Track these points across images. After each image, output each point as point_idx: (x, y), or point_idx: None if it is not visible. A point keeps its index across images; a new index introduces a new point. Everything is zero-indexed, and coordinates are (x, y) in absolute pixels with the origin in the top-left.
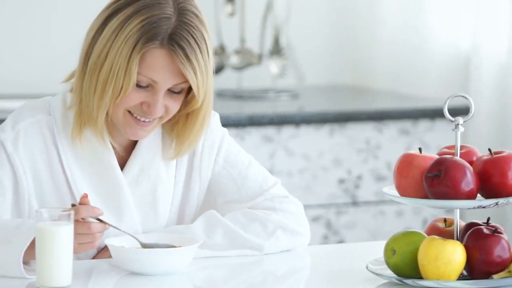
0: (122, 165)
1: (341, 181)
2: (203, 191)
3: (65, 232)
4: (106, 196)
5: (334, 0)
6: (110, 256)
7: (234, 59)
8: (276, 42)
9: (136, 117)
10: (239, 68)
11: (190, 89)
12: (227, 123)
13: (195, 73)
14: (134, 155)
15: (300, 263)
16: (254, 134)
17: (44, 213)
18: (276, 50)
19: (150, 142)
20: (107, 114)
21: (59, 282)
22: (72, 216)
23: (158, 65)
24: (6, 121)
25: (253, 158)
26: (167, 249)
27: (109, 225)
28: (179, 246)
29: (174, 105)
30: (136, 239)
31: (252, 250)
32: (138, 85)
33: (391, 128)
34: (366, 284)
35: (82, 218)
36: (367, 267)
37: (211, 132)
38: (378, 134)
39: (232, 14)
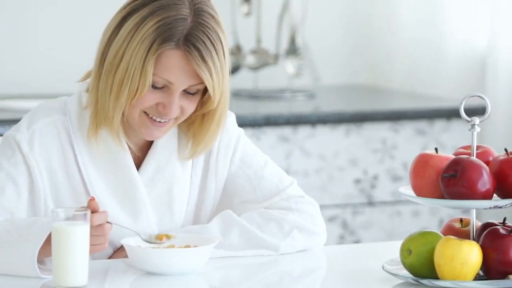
0: (138, 165)
1: (357, 181)
2: (219, 191)
3: (81, 232)
4: (122, 196)
5: (350, 0)
6: (126, 256)
7: (250, 59)
8: (292, 42)
9: (151, 118)
10: (255, 68)
11: (206, 89)
12: (243, 123)
13: (210, 75)
14: (149, 155)
15: (316, 263)
16: (270, 134)
17: (60, 213)
18: (292, 50)
19: (166, 142)
20: (122, 114)
21: (75, 282)
22: (88, 216)
23: (173, 66)
24: (22, 121)
25: (269, 158)
26: (183, 249)
27: (117, 225)
28: (195, 246)
29: (190, 106)
30: (139, 235)
31: (268, 250)
32: (154, 86)
33: (407, 128)
34: (382, 284)
35: None
36: (383, 267)
37: (227, 132)
38: (394, 134)
39: (248, 14)
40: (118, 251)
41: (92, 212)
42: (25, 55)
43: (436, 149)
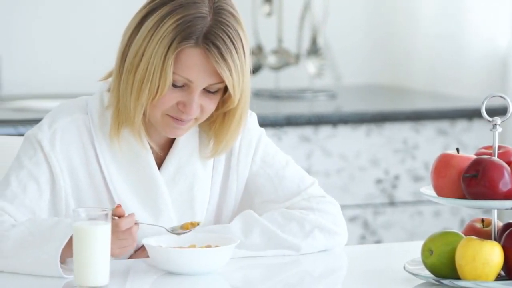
0: (160, 164)
1: (379, 181)
2: (240, 190)
3: (102, 232)
4: (144, 195)
5: (372, 1)
6: (147, 256)
7: (271, 59)
8: (314, 42)
9: (173, 117)
10: (277, 68)
11: (226, 88)
12: (264, 123)
13: (230, 73)
14: (171, 154)
15: (337, 263)
16: (291, 134)
17: (82, 213)
18: (314, 50)
19: (187, 141)
20: (144, 114)
21: (96, 282)
22: (110, 216)
23: (193, 65)
24: (43, 120)
25: (291, 158)
26: (204, 249)
27: (143, 223)
28: (216, 246)
29: (210, 105)
30: (164, 227)
31: (289, 250)
32: (174, 85)
33: (429, 128)
34: (403, 284)
35: None
36: (404, 267)
37: (249, 132)
38: (416, 134)
39: (269, 14)
40: (139, 251)
41: (119, 216)
42: (45, 55)
43: (457, 149)
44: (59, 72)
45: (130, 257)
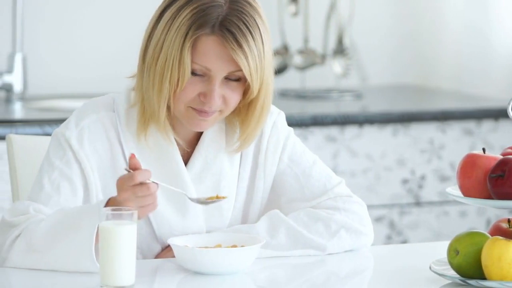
0: (186, 161)
1: (405, 181)
2: (267, 189)
3: (129, 231)
4: (170, 192)
5: (398, 0)
6: (173, 256)
7: (297, 59)
8: (340, 41)
9: (196, 109)
10: (303, 68)
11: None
12: (290, 123)
13: (246, 59)
14: (197, 150)
15: (363, 263)
16: (318, 134)
17: (108, 213)
18: (340, 50)
19: (214, 137)
20: (169, 109)
21: (122, 282)
22: (135, 216)
23: (210, 52)
24: (70, 119)
25: (318, 157)
26: (230, 248)
27: (162, 185)
28: (242, 246)
29: (233, 96)
30: (188, 197)
31: (315, 250)
32: (194, 74)
33: (455, 129)
34: (429, 284)
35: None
36: (430, 268)
37: (277, 130)
38: (442, 134)
39: (295, 14)
40: (166, 250)
41: (134, 169)
42: (70, 55)
43: (483, 149)
44: (85, 72)
45: (157, 256)
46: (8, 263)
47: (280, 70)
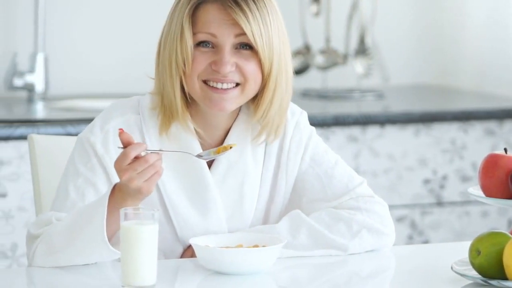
0: (210, 163)
1: (426, 181)
2: (289, 189)
3: (150, 231)
4: (193, 194)
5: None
6: (195, 256)
7: (319, 59)
8: (362, 41)
9: (212, 86)
10: (324, 68)
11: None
12: (312, 123)
13: (247, 19)
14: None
15: (385, 263)
16: (339, 134)
17: (129, 213)
18: (362, 50)
19: (238, 138)
20: (189, 105)
21: (144, 282)
22: (157, 216)
23: (212, 19)
24: (95, 122)
25: (340, 157)
26: (251, 248)
27: (162, 151)
28: (263, 246)
29: (247, 65)
30: (191, 154)
31: (336, 250)
32: (202, 45)
33: (477, 129)
34: (450, 284)
35: (135, 157)
36: (451, 268)
37: (299, 130)
38: (464, 134)
39: (317, 14)
40: (188, 249)
41: (126, 145)
42: (92, 55)
43: (505, 149)
44: (106, 72)
45: (179, 257)
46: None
47: (302, 70)
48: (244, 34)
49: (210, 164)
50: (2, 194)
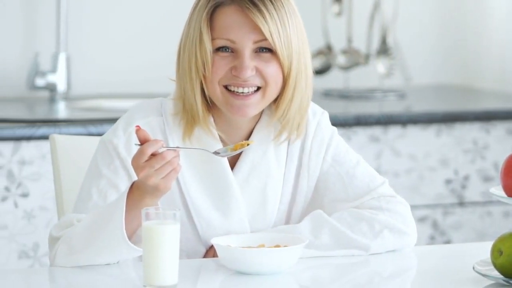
0: (233, 164)
1: (448, 181)
2: (311, 189)
3: (171, 231)
4: (216, 195)
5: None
6: (217, 255)
7: (341, 59)
8: (383, 41)
9: (233, 92)
10: (346, 68)
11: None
12: (333, 123)
13: (264, 19)
14: (244, 153)
15: (407, 264)
16: (361, 134)
17: (151, 213)
18: (383, 50)
19: (260, 140)
20: (210, 109)
21: (165, 281)
22: (178, 216)
23: (230, 23)
24: (118, 124)
25: (361, 157)
26: (273, 248)
27: (179, 148)
28: (285, 246)
29: (267, 67)
30: (207, 150)
31: (358, 250)
32: (221, 50)
33: (499, 129)
34: (472, 284)
35: (152, 154)
36: (473, 268)
37: (321, 130)
38: (486, 134)
39: (339, 14)
40: (210, 249)
41: (143, 142)
42: (114, 55)
43: None
44: (128, 71)
45: (204, 256)
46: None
47: (323, 70)
48: (262, 40)
49: (232, 165)
50: (24, 194)
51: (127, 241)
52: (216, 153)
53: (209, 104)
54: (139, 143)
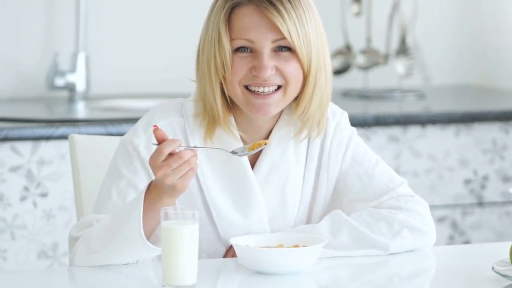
0: (253, 164)
1: (467, 181)
2: (330, 189)
3: (190, 231)
4: (236, 195)
5: None
6: (236, 255)
7: (360, 59)
8: (403, 41)
9: (253, 91)
10: (365, 68)
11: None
12: (352, 123)
13: (282, 18)
14: (264, 154)
15: (426, 264)
16: (380, 134)
17: (170, 213)
18: (403, 50)
19: (280, 140)
20: (230, 108)
21: (184, 281)
22: (197, 216)
23: (248, 23)
24: (138, 124)
25: (380, 157)
26: (292, 248)
27: (196, 148)
28: (304, 246)
29: (287, 66)
30: (225, 150)
31: (377, 250)
32: (240, 51)
33: None
34: (491, 285)
35: (170, 154)
36: (492, 268)
37: (340, 130)
38: (505, 134)
39: (358, 14)
40: (230, 249)
41: (160, 141)
42: (133, 55)
43: None
44: (148, 72)
45: (223, 256)
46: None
47: (342, 70)
48: (281, 39)
49: (252, 165)
50: (43, 193)
51: (145, 241)
52: (233, 152)
53: (229, 105)
54: (156, 143)
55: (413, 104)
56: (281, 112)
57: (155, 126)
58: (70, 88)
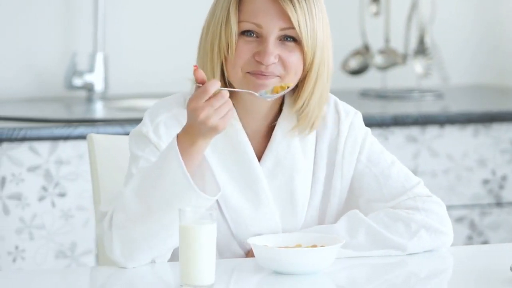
0: (259, 157)
1: (486, 181)
2: (345, 189)
3: (208, 231)
4: (244, 186)
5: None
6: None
7: (378, 59)
8: (421, 41)
9: (253, 73)
10: (384, 68)
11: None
12: (371, 123)
13: (294, 7)
14: (269, 146)
15: (443, 264)
16: (398, 134)
17: (187, 212)
18: (421, 50)
19: (285, 132)
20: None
21: (202, 281)
22: (215, 216)
23: (258, 8)
24: (144, 117)
25: (396, 158)
26: (310, 248)
27: (228, 89)
28: (322, 246)
29: (290, 57)
30: (253, 93)
31: (395, 250)
32: (246, 35)
33: None
34: (509, 285)
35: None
36: (511, 268)
37: (354, 131)
38: None
39: (376, 14)
40: (250, 252)
41: (201, 82)
42: (153, 54)
43: None
44: (166, 72)
45: (246, 255)
46: (114, 241)
47: (361, 70)
48: (289, 28)
49: (260, 156)
50: (62, 193)
51: (191, 183)
52: (258, 95)
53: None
54: (198, 84)
55: (431, 104)
56: (282, 105)
57: (196, 66)
58: (88, 88)
